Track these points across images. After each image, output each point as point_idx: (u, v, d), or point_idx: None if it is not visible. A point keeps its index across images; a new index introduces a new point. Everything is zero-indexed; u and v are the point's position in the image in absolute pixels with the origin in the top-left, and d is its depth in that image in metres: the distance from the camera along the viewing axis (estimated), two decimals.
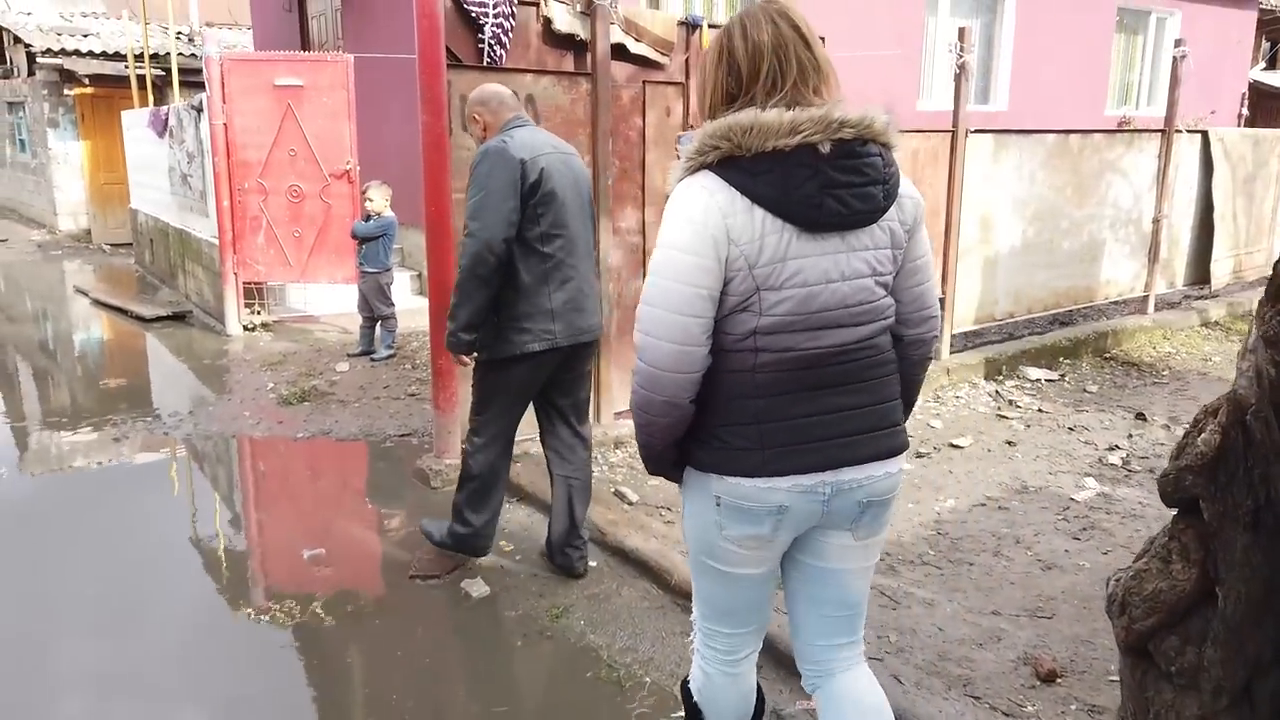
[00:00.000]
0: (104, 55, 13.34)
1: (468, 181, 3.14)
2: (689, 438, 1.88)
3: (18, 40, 14.07)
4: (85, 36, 14.05)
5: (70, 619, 3.34)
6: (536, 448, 4.72)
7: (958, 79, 6.06)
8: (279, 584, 3.67)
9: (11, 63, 15.25)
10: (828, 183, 1.72)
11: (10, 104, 15.63)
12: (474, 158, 3.14)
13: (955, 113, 6.06)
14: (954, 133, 6.07)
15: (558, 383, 3.42)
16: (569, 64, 4.92)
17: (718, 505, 1.86)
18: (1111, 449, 5.01)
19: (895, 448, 1.90)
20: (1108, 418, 5.57)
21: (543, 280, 3.14)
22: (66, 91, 13.56)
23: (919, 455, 4.93)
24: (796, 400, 1.80)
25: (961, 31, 6.04)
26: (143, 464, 4.92)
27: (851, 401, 1.83)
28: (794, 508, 1.83)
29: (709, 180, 1.74)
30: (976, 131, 6.23)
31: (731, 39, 1.80)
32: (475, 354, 3.25)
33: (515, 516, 4.15)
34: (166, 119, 9.04)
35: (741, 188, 1.72)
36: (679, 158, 1.84)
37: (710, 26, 5.54)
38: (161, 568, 3.77)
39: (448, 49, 4.33)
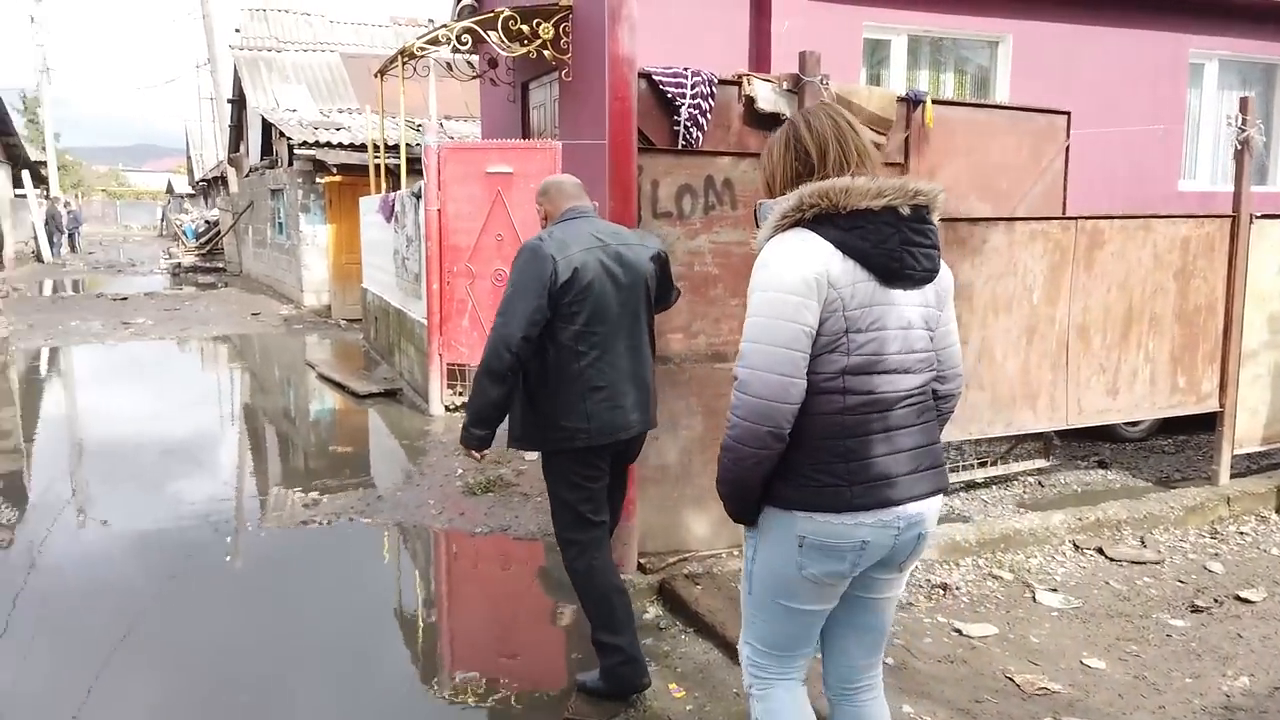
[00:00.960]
0: (350, 146, 14.45)
1: None
2: (776, 478, 2.02)
3: (281, 135, 15.57)
4: (337, 130, 15.34)
5: (297, 664, 3.68)
6: (721, 566, 4.24)
7: (1239, 156, 5.13)
8: (465, 667, 3.68)
9: (277, 154, 16.92)
10: (906, 240, 1.98)
11: (273, 191, 17.30)
12: None
13: (1236, 195, 5.12)
14: (1234, 218, 5.12)
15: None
16: None
17: (800, 546, 2.02)
18: None
19: (945, 485, 2.15)
20: None
21: (578, 378, 3.04)
22: (318, 180, 14.78)
23: (1194, 610, 3.99)
24: (878, 441, 2.00)
25: (1243, 103, 5.13)
26: (327, 548, 4.85)
27: (915, 441, 2.06)
28: (873, 542, 2.01)
29: (806, 234, 1.99)
30: (1264, 217, 5.24)
31: (798, 130, 2.10)
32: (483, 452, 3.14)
33: (690, 652, 3.64)
34: (393, 204, 9.48)
35: (835, 240, 1.97)
36: (758, 225, 2.11)
37: (935, 102, 4.99)
38: (364, 634, 3.93)
39: (641, 132, 4.05)
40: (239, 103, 20.80)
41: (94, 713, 3.29)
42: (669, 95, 4.11)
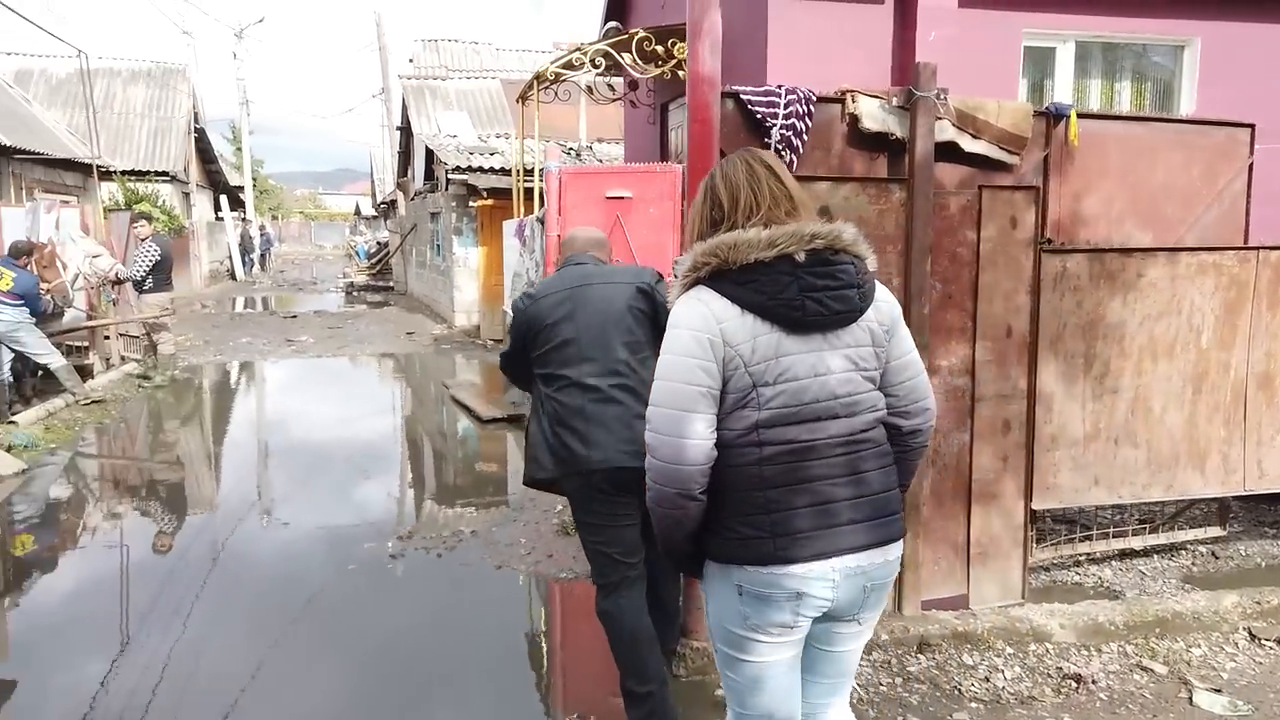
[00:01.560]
0: (501, 171, 14.73)
1: None
2: (705, 531, 2.03)
3: (439, 160, 16.09)
4: (491, 154, 15.69)
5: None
6: None
7: None
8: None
9: (437, 179, 17.52)
10: (806, 287, 1.94)
11: (432, 214, 17.93)
12: None
13: None
14: None
15: None
16: (881, 168, 4.05)
17: (740, 595, 2.00)
18: None
19: (894, 535, 2.06)
20: None
21: (547, 413, 3.19)
22: (470, 203, 15.15)
23: None
24: (802, 490, 1.96)
25: None
26: (409, 581, 4.73)
27: (853, 491, 1.99)
28: (808, 593, 1.97)
29: (703, 293, 1.97)
30: None
31: (714, 179, 2.10)
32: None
33: None
34: (524, 229, 9.48)
35: (732, 296, 1.94)
36: (675, 277, 2.09)
37: (1082, 116, 4.37)
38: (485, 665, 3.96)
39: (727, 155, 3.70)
40: (406, 130, 21.76)
41: (263, 681, 3.79)
42: (759, 116, 3.74)
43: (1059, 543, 4.65)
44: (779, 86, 3.77)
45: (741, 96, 3.76)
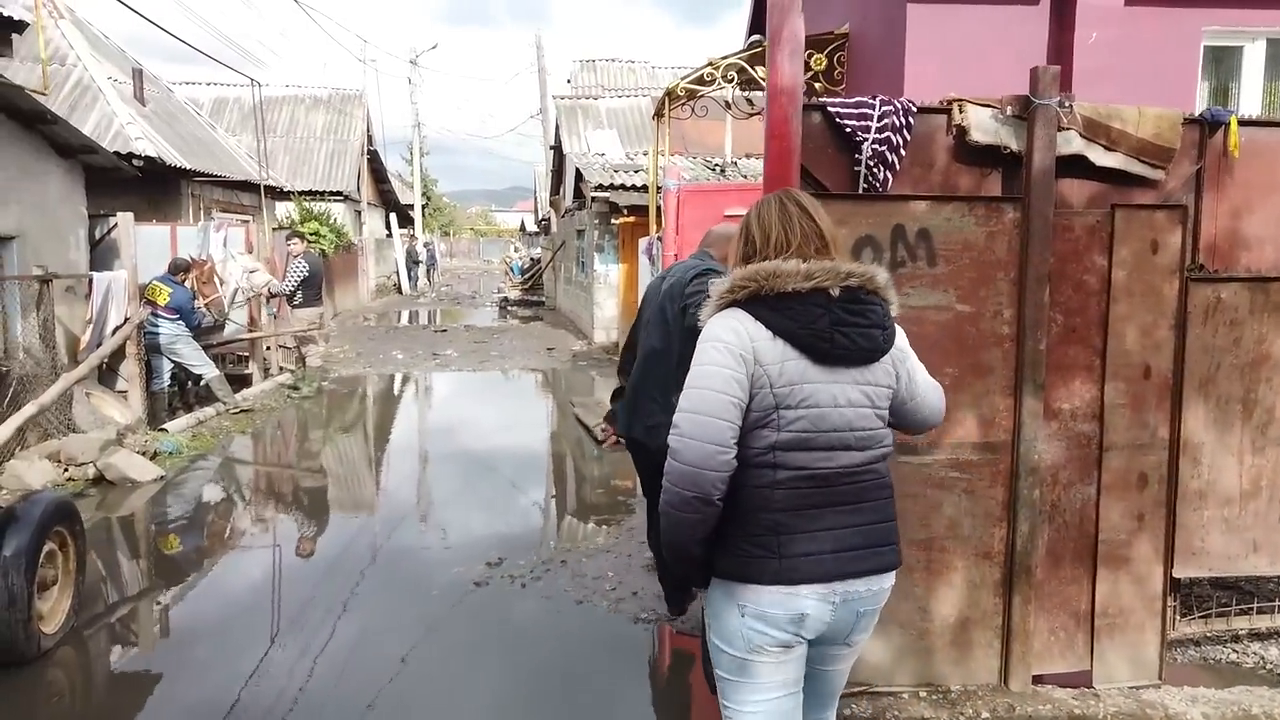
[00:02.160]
0: (641, 188, 14.68)
1: None
2: (714, 548, 2.11)
3: (585, 178, 16.24)
4: (635, 171, 15.70)
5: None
6: (900, 710, 3.39)
7: None
8: None
9: (584, 197, 17.71)
10: (837, 321, 2.04)
11: (578, 231, 18.14)
12: None
13: None
14: None
15: None
16: (993, 185, 3.60)
17: (743, 615, 2.08)
18: None
19: (892, 563, 2.16)
20: None
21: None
22: (613, 221, 15.19)
23: None
24: (811, 516, 2.06)
25: None
26: (488, 612, 4.62)
27: (857, 519, 2.10)
28: (810, 615, 2.07)
29: (738, 313, 2.07)
30: None
31: (749, 217, 2.23)
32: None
33: None
34: (651, 247, 9.34)
35: (766, 321, 2.04)
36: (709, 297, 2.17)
37: (1243, 124, 3.77)
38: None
39: (809, 173, 3.38)
40: (558, 149, 22.16)
41: (412, 670, 4.07)
42: (848, 130, 3.40)
43: (1211, 614, 4.01)
44: (874, 97, 3.41)
45: (829, 109, 3.42)
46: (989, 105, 3.49)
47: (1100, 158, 3.56)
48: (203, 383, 9.66)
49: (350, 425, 9.99)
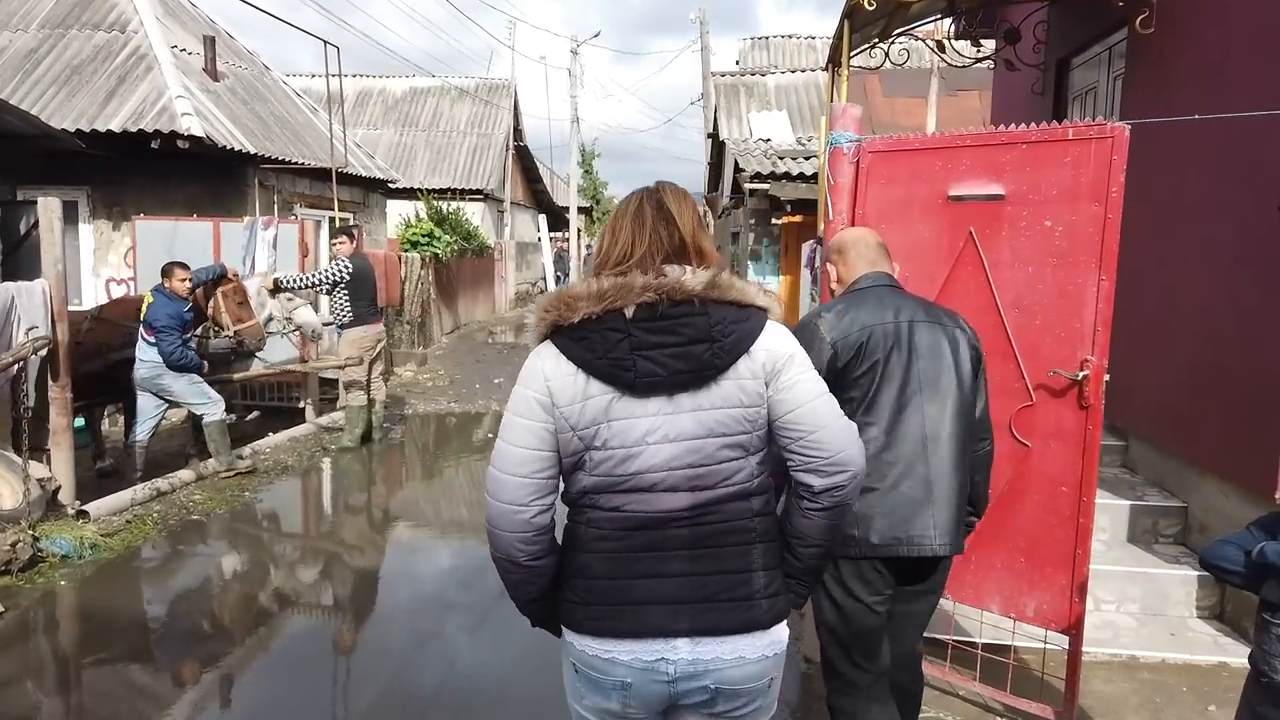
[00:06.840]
0: (811, 178, 11.28)
1: None
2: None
3: (741, 168, 12.97)
4: (806, 159, 12.30)
5: None
6: None
7: None
8: None
9: (743, 192, 14.44)
10: (640, 344, 1.73)
11: (733, 234, 14.89)
12: None
13: None
14: None
15: None
16: None
17: (576, 672, 1.85)
18: None
19: (744, 623, 1.77)
20: None
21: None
22: (773, 220, 11.87)
23: None
24: (622, 561, 1.78)
25: None
26: None
27: (688, 568, 1.77)
28: (636, 684, 1.77)
29: (545, 348, 1.79)
30: None
31: (615, 212, 1.92)
32: None
33: None
34: (813, 256, 6.00)
35: (569, 354, 1.76)
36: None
37: None
38: None
39: None
40: (715, 136, 18.98)
41: None
42: None
43: None
44: None
45: None
46: None
47: None
48: (205, 421, 7.12)
49: (390, 507, 7.16)
